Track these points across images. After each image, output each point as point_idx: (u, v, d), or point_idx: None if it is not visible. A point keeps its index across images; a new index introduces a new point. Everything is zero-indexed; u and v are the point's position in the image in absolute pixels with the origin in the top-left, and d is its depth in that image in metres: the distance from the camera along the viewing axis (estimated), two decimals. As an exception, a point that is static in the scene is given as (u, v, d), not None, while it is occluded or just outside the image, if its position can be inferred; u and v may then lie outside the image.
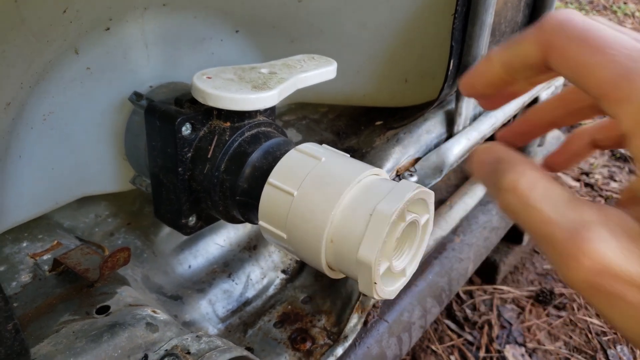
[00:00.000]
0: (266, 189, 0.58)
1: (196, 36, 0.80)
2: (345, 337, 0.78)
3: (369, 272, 0.51)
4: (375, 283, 0.52)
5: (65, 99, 0.67)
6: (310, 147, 0.61)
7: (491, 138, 1.27)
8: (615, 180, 2.11)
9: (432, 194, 0.56)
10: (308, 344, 0.77)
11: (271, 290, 0.88)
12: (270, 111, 0.71)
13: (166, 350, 0.53)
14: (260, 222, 0.59)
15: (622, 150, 2.27)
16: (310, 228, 0.54)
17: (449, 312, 1.44)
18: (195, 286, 0.83)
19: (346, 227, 0.53)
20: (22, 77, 0.49)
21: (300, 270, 0.90)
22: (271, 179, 0.58)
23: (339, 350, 0.76)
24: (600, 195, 2.00)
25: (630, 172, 2.16)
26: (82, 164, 0.73)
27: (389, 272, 0.55)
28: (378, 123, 0.98)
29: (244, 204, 0.63)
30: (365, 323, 0.82)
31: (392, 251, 0.53)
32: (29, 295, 0.62)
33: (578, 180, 2.09)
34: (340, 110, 1.09)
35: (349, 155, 0.61)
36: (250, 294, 0.86)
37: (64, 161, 0.71)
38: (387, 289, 0.55)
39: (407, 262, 0.58)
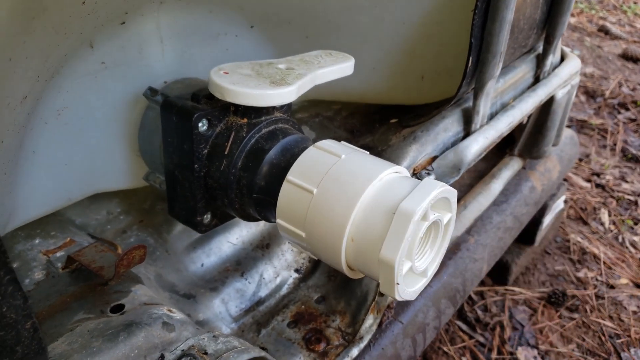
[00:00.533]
0: (285, 186, 0.57)
1: (211, 31, 0.79)
2: (361, 338, 0.76)
3: (391, 273, 0.50)
4: (397, 284, 0.50)
5: (80, 94, 0.66)
6: (329, 144, 0.60)
7: (508, 136, 1.26)
8: (626, 182, 2.08)
9: (455, 192, 0.54)
10: (322, 345, 0.76)
11: (284, 290, 0.86)
12: (287, 107, 0.70)
13: (183, 350, 0.52)
14: (278, 221, 0.58)
15: (634, 151, 2.25)
16: (330, 226, 0.53)
17: (460, 313, 1.42)
18: (208, 285, 0.82)
19: (368, 225, 0.52)
20: (39, 70, 0.48)
21: (313, 269, 0.89)
22: (290, 176, 0.57)
23: (354, 351, 0.75)
24: (612, 197, 1.98)
25: (643, 173, 2.13)
26: (95, 160, 0.72)
27: (411, 273, 0.54)
28: (393, 121, 0.97)
29: (261, 201, 0.62)
30: (379, 324, 0.80)
31: (415, 251, 0.51)
32: (43, 293, 0.61)
33: (589, 181, 2.07)
34: (354, 107, 1.08)
35: (368, 153, 0.59)
36: (263, 293, 0.85)
37: (78, 157, 0.70)
38: (409, 290, 0.53)
39: (429, 263, 0.56)
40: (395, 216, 0.49)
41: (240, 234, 0.88)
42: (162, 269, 0.78)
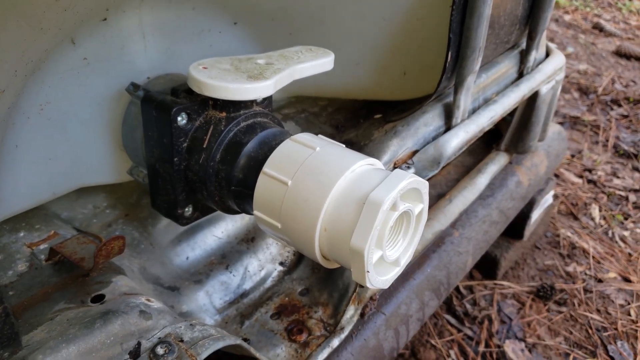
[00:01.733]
0: (261, 178, 0.58)
1: (194, 28, 0.80)
2: (342, 329, 0.78)
3: (362, 261, 0.51)
4: (367, 272, 0.52)
5: (62, 89, 0.67)
6: (305, 137, 0.61)
7: (495, 131, 1.27)
8: (618, 177, 2.10)
9: (426, 183, 0.56)
10: (304, 335, 0.77)
11: (269, 282, 0.88)
12: (267, 102, 0.71)
13: (159, 338, 0.53)
14: (255, 212, 0.60)
15: (625, 147, 2.26)
16: (304, 217, 0.55)
17: (449, 307, 1.44)
18: (193, 278, 0.83)
19: (340, 215, 0.53)
20: (16, 64, 0.49)
21: (297, 262, 0.90)
22: (266, 168, 0.58)
23: (335, 342, 0.76)
24: (603, 192, 1.99)
25: (634, 169, 2.15)
26: (79, 154, 0.73)
27: (382, 262, 0.55)
28: (377, 116, 0.98)
29: (239, 194, 0.63)
30: (362, 315, 0.82)
31: (385, 240, 0.53)
32: (25, 284, 0.62)
33: (581, 176, 2.08)
34: (340, 103, 1.09)
35: (344, 146, 0.61)
36: (247, 285, 0.86)
37: (61, 151, 0.71)
38: (380, 278, 0.55)
39: (401, 252, 0.57)
40: (365, 206, 0.50)
41: (225, 227, 0.90)
42: (147, 261, 0.79)
